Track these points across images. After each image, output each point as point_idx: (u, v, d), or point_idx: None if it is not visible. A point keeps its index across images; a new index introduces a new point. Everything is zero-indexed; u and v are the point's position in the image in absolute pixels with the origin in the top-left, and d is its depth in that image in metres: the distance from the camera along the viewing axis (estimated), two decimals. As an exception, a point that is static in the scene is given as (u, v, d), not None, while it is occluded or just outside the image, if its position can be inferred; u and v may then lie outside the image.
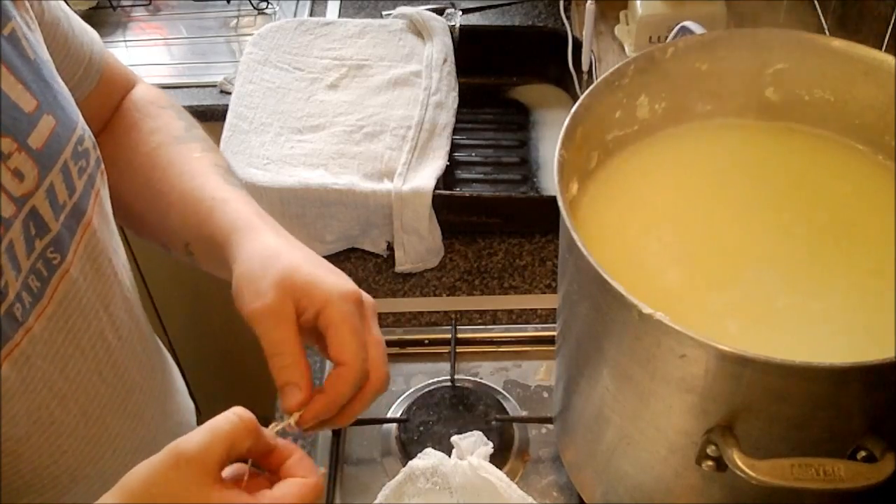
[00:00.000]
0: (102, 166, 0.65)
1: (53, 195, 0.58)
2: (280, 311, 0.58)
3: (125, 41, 1.45)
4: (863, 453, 0.58)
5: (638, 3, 1.24)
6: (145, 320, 0.74)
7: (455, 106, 1.20)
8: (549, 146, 1.25)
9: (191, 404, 0.87)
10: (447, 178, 1.16)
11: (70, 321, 0.60)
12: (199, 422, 0.90)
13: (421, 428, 0.92)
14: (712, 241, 0.71)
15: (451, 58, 1.25)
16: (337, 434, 0.93)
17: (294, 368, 0.57)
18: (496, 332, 1.03)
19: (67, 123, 0.60)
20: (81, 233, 0.61)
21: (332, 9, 1.48)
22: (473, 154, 1.25)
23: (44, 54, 0.61)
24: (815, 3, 1.04)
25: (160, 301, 1.61)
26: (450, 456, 0.85)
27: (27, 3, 0.61)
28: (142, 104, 0.76)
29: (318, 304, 0.58)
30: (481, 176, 1.22)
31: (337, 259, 1.12)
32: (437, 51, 1.24)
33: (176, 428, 0.79)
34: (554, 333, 0.82)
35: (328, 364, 0.94)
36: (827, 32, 1.01)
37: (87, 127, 0.63)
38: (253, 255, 0.61)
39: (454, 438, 0.86)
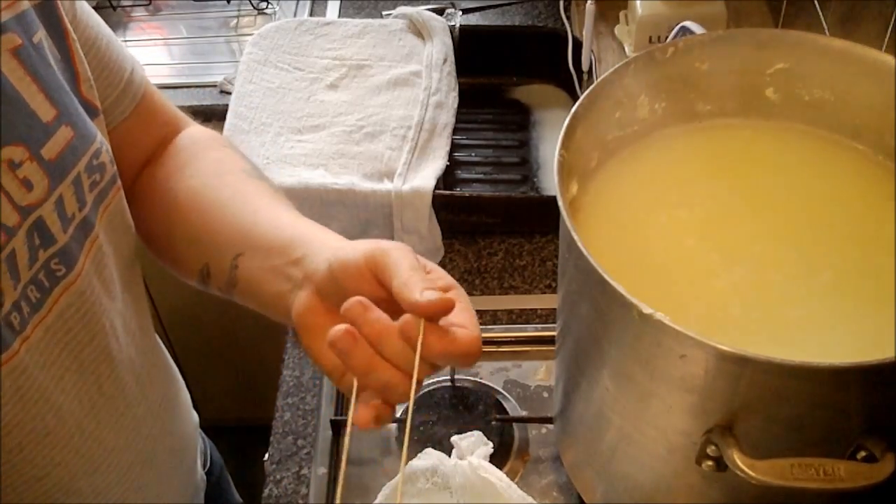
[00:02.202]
0: (119, 183, 0.65)
1: (62, 207, 0.58)
2: (411, 251, 0.57)
3: (125, 41, 1.45)
4: (863, 453, 0.58)
5: (638, 3, 1.24)
6: (152, 334, 0.74)
7: (455, 106, 1.20)
8: (549, 146, 1.25)
9: (194, 417, 0.86)
10: (447, 178, 1.16)
11: (71, 333, 0.60)
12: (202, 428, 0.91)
13: (421, 428, 0.92)
14: (712, 241, 0.71)
15: (451, 58, 1.25)
16: (337, 434, 0.93)
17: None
18: (496, 332, 1.03)
19: (86, 136, 0.60)
20: (89, 246, 0.61)
21: (332, 9, 1.48)
22: (473, 154, 1.25)
23: (74, 66, 0.61)
24: (815, 3, 1.04)
25: (160, 303, 1.61)
26: (450, 456, 0.85)
27: (65, 17, 0.61)
28: (201, 139, 0.75)
29: (446, 280, 0.59)
30: (481, 176, 1.22)
31: (337, 259, 1.12)
32: (437, 51, 1.24)
33: (176, 443, 0.78)
34: (554, 333, 0.82)
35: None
36: (827, 32, 1.01)
37: (105, 141, 0.63)
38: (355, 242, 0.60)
39: (454, 438, 0.86)
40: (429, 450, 0.86)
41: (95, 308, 0.62)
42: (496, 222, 1.13)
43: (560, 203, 0.63)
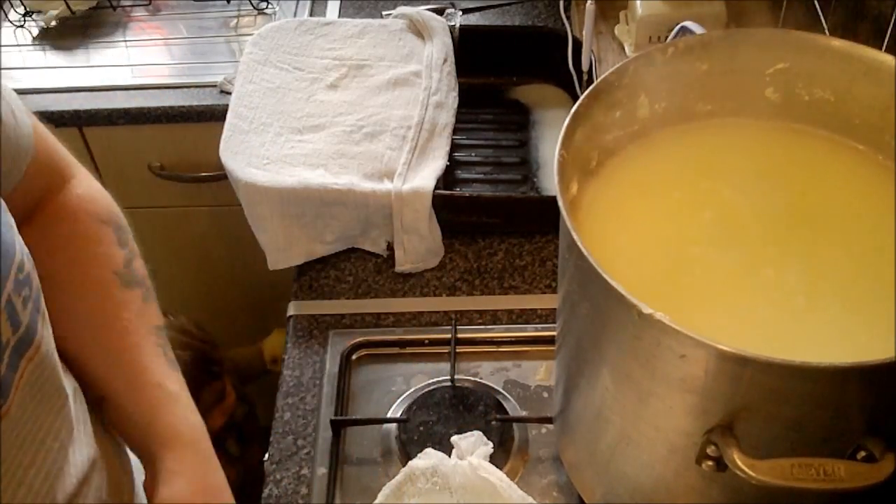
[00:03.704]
0: (38, 282, 0.60)
1: None
2: None
3: (125, 41, 1.45)
4: (863, 453, 0.58)
5: (638, 3, 1.24)
6: (90, 417, 0.73)
7: (455, 106, 1.20)
8: (549, 146, 1.25)
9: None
10: (447, 178, 1.16)
11: (8, 460, 0.57)
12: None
13: (421, 428, 0.92)
14: (712, 240, 0.71)
15: (451, 58, 1.25)
16: (337, 434, 0.93)
17: None
18: (496, 332, 1.03)
19: (7, 252, 0.55)
20: (24, 366, 0.57)
21: (332, 9, 1.48)
22: (473, 154, 1.25)
23: None
24: (815, 3, 1.04)
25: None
26: (450, 456, 0.85)
27: None
28: (82, 215, 0.72)
29: None
30: (481, 176, 1.22)
31: (337, 259, 1.12)
32: (437, 51, 1.24)
33: None
34: (554, 333, 0.82)
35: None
36: (827, 32, 1.01)
37: (23, 244, 0.58)
38: (196, 486, 0.68)
39: (454, 438, 0.86)
40: (429, 450, 0.86)
41: (29, 426, 0.59)
42: (496, 222, 1.13)
43: (560, 203, 0.63)
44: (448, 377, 0.96)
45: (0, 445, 0.55)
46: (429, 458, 0.85)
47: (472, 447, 0.85)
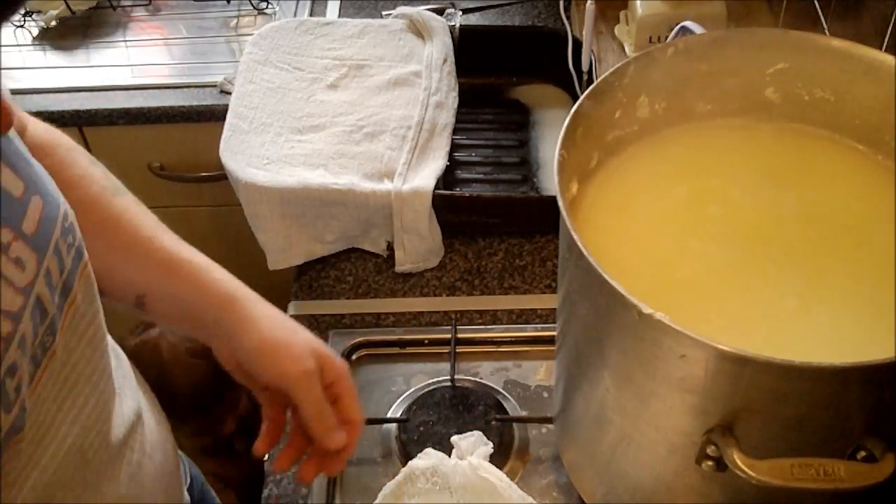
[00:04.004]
0: (80, 234, 0.63)
1: (50, 278, 0.57)
2: (317, 375, 0.68)
3: (125, 41, 1.45)
4: (863, 453, 0.58)
5: (638, 3, 1.24)
6: (129, 366, 0.74)
7: (455, 106, 1.20)
8: (549, 146, 1.25)
9: (177, 450, 0.85)
10: (447, 178, 1.16)
11: (61, 396, 0.59)
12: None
13: (421, 428, 0.92)
14: (712, 240, 0.71)
15: (451, 58, 1.25)
16: (337, 434, 0.93)
17: (337, 428, 0.69)
18: (496, 332, 1.03)
19: (52, 202, 0.58)
20: (67, 309, 0.60)
21: (332, 9, 1.48)
22: (473, 154, 1.25)
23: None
24: (815, 3, 1.04)
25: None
26: (450, 456, 0.85)
27: None
28: (50, 147, 0.73)
29: (334, 375, 0.70)
30: (481, 176, 1.22)
31: (337, 259, 1.12)
32: (437, 51, 1.24)
33: (165, 480, 0.77)
34: (554, 333, 0.82)
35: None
36: (827, 32, 1.01)
37: (65, 200, 0.61)
38: (275, 322, 0.70)
39: (454, 438, 0.86)
40: (429, 450, 0.86)
41: (80, 367, 0.61)
42: (496, 222, 1.13)
43: (560, 203, 0.63)
44: (448, 377, 0.96)
45: (51, 382, 0.58)
46: (429, 458, 0.85)
47: (472, 447, 0.85)
